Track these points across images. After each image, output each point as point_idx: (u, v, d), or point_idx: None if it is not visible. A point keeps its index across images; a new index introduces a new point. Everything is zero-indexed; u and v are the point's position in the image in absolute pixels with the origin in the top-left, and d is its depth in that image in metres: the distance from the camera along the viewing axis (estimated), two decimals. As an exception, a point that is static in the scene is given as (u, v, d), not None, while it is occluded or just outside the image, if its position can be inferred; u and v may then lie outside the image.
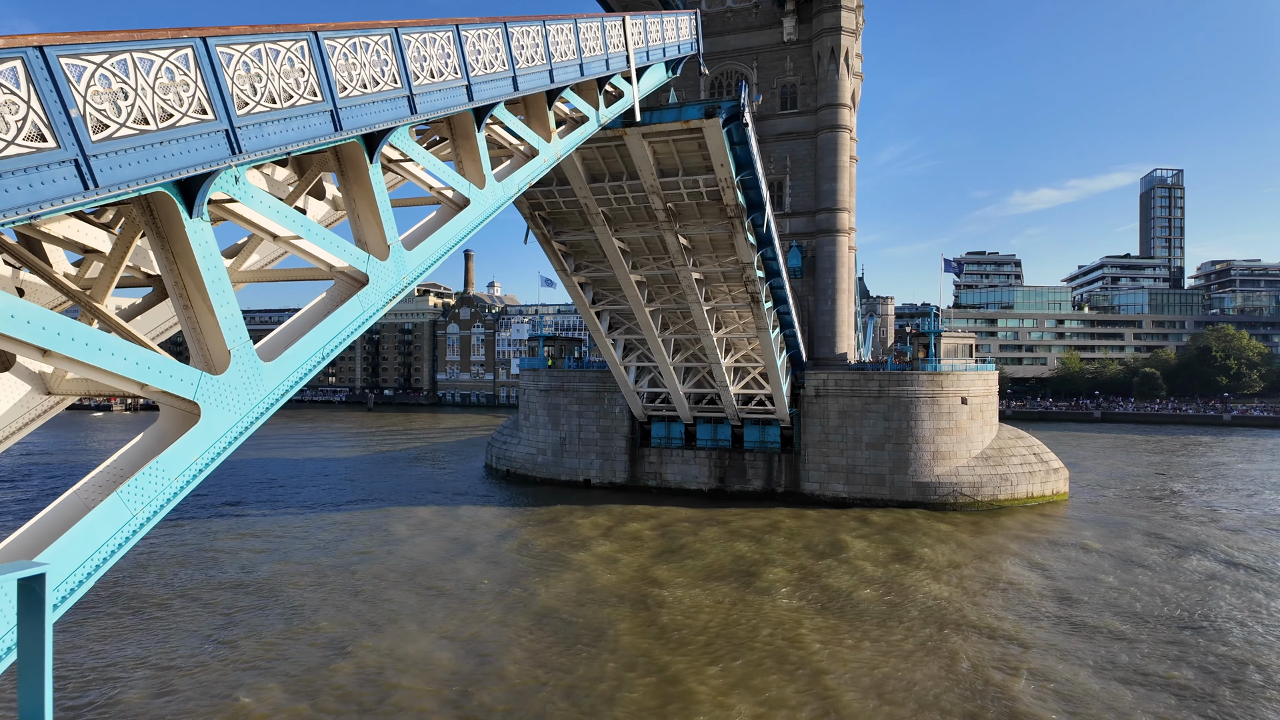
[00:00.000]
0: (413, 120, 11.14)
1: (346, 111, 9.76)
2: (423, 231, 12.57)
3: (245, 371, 8.84)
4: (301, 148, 9.25)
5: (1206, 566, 35.29)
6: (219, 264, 8.56)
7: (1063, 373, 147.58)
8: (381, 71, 10.35)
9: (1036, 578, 33.51)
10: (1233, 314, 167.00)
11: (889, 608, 29.33)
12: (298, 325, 10.07)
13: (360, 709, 20.76)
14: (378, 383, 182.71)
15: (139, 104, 7.14)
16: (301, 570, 34.24)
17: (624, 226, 36.98)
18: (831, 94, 55.76)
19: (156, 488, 8.05)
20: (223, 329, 8.62)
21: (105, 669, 23.41)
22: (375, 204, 10.97)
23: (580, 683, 22.45)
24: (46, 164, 6.46)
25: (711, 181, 32.16)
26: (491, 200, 13.92)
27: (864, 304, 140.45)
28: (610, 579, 33.15)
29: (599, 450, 57.70)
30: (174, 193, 7.98)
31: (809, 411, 52.40)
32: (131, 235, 9.27)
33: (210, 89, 7.84)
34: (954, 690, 21.97)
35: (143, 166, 7.25)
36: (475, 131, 13.49)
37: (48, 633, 3.76)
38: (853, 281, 59.61)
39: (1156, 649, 25.05)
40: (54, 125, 6.47)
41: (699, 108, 27.93)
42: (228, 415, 8.67)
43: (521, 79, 14.03)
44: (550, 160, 16.58)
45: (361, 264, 10.64)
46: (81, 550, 7.38)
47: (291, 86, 8.89)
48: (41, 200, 6.48)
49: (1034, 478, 50.58)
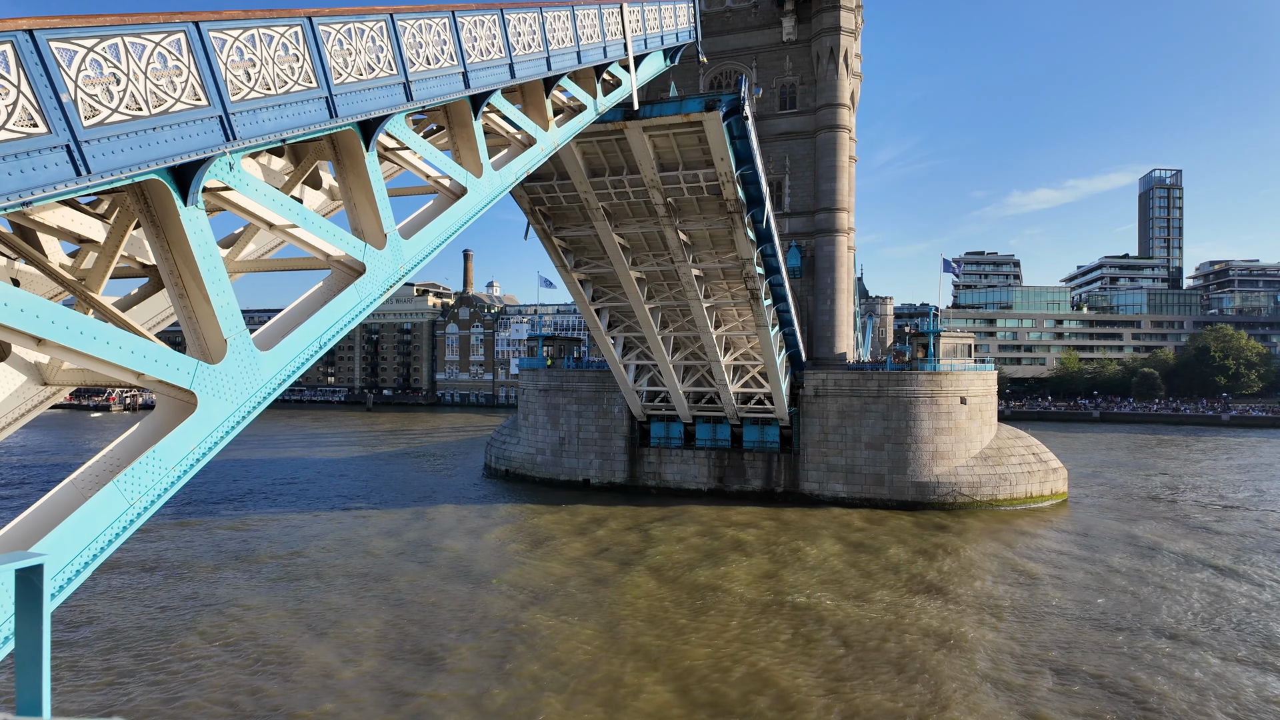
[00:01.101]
0: (409, 108, 11.02)
1: (342, 98, 9.65)
2: (420, 220, 12.47)
3: (242, 360, 8.78)
4: (297, 135, 9.15)
5: (1206, 571, 34.94)
6: (214, 252, 8.48)
7: (1061, 373, 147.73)
8: (377, 58, 10.25)
9: (1040, 574, 33.46)
10: (1231, 314, 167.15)
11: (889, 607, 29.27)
12: (294, 314, 9.98)
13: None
14: (377, 383, 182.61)
15: (131, 89, 7.05)
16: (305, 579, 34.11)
17: (624, 222, 37.00)
18: (830, 94, 55.74)
19: (153, 477, 7.99)
20: (219, 318, 8.55)
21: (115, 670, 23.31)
22: (371, 192, 10.88)
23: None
24: (38, 149, 6.38)
25: (711, 176, 32.25)
26: (489, 189, 13.81)
27: (863, 304, 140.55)
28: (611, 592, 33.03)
29: (598, 450, 57.62)
30: (168, 180, 7.89)
31: (808, 411, 52.36)
32: (126, 224, 9.19)
33: (203, 74, 7.74)
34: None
35: (136, 153, 7.17)
36: (472, 120, 13.37)
37: (45, 623, 3.71)
38: (852, 281, 59.59)
39: (1156, 659, 24.85)
40: (45, 110, 6.38)
41: (699, 101, 28.07)
42: (225, 404, 8.60)
43: (518, 66, 13.89)
44: (548, 149, 16.43)
45: (358, 253, 10.56)
46: (79, 539, 7.32)
47: (286, 73, 8.80)
48: (33, 186, 6.40)
49: (1033, 478, 50.54)
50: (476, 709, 20.59)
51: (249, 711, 20.50)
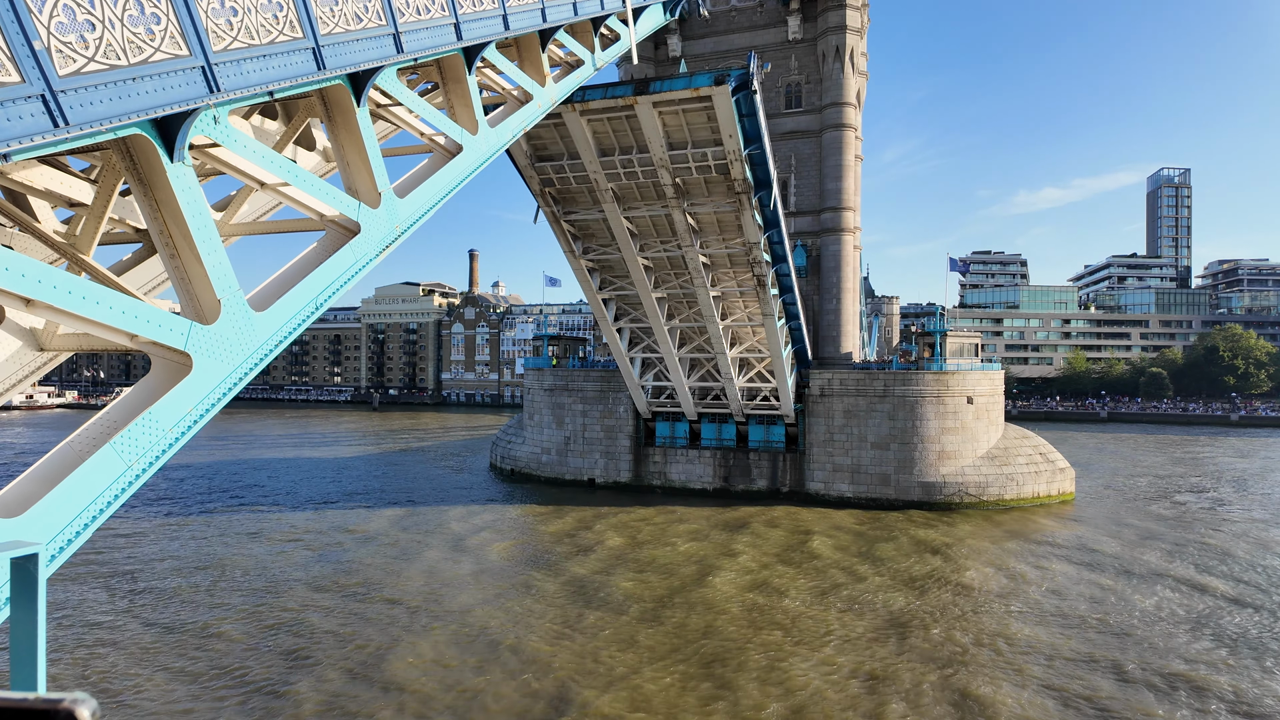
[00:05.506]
0: (400, 60, 10.77)
1: (330, 49, 9.39)
2: (415, 179, 12.18)
3: (237, 321, 8.65)
4: (284, 88, 8.93)
5: (1211, 577, 33.90)
6: (204, 210, 8.29)
7: (1069, 372, 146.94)
8: (365, 7, 9.97)
9: (1045, 575, 33.33)
10: (1240, 314, 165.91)
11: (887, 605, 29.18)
12: (289, 275, 9.82)
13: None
14: (383, 382, 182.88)
15: (108, 37, 6.84)
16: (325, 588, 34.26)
17: (633, 205, 37.29)
18: (836, 93, 55.58)
19: (151, 438, 7.88)
20: (211, 278, 8.40)
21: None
22: (364, 150, 10.66)
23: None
24: (12, 99, 6.19)
25: (720, 155, 32.57)
26: (485, 147, 13.53)
27: (869, 303, 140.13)
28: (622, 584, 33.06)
29: (603, 449, 57.58)
30: (152, 134, 7.72)
31: (814, 411, 52.23)
32: (113, 182, 9.03)
33: (183, 22, 7.51)
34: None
35: (115, 104, 6.97)
36: (466, 75, 13.07)
37: (41, 612, 3.69)
38: (858, 281, 59.37)
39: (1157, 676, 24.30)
40: (17, 58, 6.16)
41: (709, 76, 28.79)
42: (220, 365, 8.48)
43: (512, 17, 13.55)
44: (545, 105, 16.03)
45: (352, 212, 10.38)
46: (77, 501, 7.22)
47: (270, 21, 8.54)
48: (9, 138, 6.21)
49: (1040, 478, 50.31)
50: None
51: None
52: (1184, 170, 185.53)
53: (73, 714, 1.33)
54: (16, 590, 3.60)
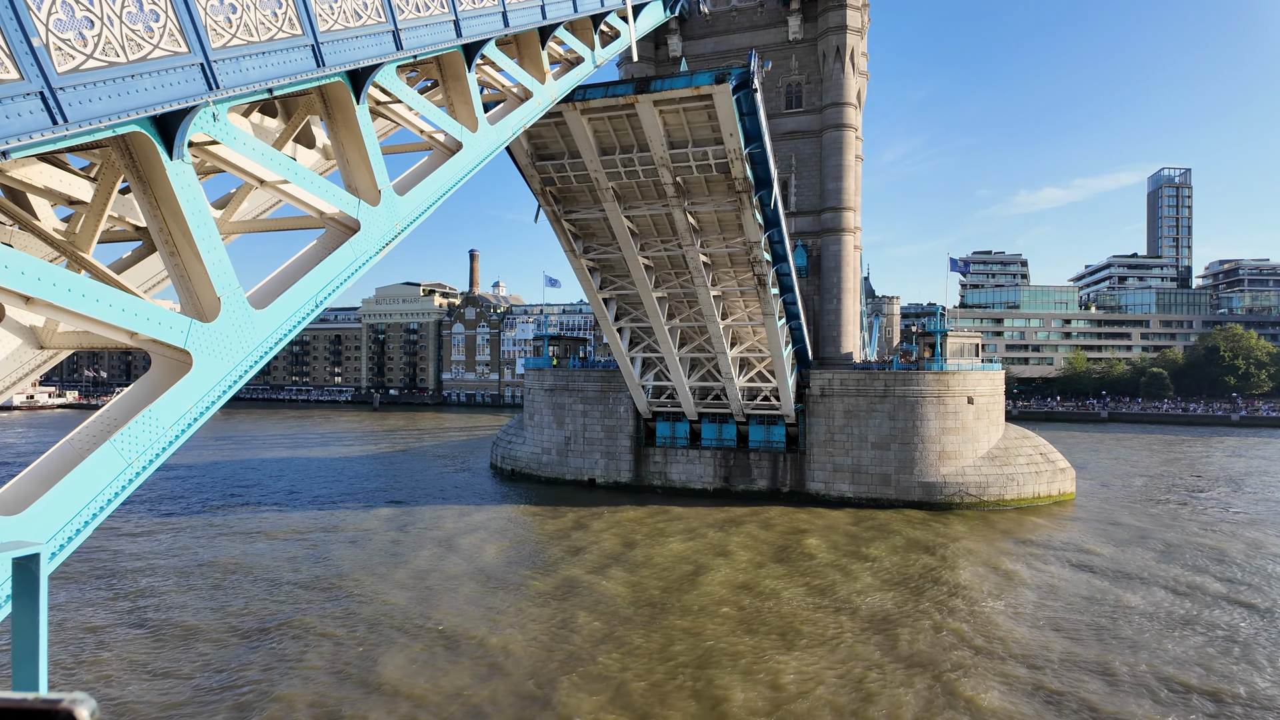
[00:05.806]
0: (399, 57, 10.76)
1: (329, 46, 9.38)
2: (414, 176, 12.18)
3: (237, 319, 8.65)
4: (283, 85, 8.91)
5: (1211, 579, 33.50)
6: (204, 208, 8.29)
7: (1069, 372, 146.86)
8: (365, 4, 9.97)
9: (1046, 577, 33.29)
10: (1241, 314, 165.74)
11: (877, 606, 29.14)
12: (289, 273, 9.81)
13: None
14: (383, 383, 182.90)
15: (106, 34, 6.82)
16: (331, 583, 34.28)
17: (633, 204, 37.28)
18: (837, 93, 55.57)
19: (151, 436, 7.88)
20: (211, 275, 8.40)
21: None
22: (364, 147, 10.65)
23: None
24: (10, 96, 6.18)
25: (720, 153, 32.63)
26: (485, 144, 13.52)
27: (869, 304, 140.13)
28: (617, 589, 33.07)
29: (604, 450, 57.57)
30: (151, 131, 7.71)
31: (814, 411, 52.21)
32: (112, 180, 9.03)
33: (182, 19, 7.50)
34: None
35: (114, 101, 6.96)
36: (466, 72, 13.05)
37: (42, 610, 3.69)
38: (858, 281, 59.35)
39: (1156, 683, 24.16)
40: (15, 55, 6.14)
41: (709, 74, 28.95)
42: (220, 363, 8.48)
43: (512, 14, 13.52)
44: (545, 103, 16.03)
45: (352, 209, 10.37)
46: (77, 499, 7.21)
47: (269, 18, 8.54)
48: (8, 135, 6.20)
49: (1040, 478, 50.28)
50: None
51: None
52: (1185, 170, 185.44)
53: (72, 714, 1.33)
54: (18, 590, 3.61)
